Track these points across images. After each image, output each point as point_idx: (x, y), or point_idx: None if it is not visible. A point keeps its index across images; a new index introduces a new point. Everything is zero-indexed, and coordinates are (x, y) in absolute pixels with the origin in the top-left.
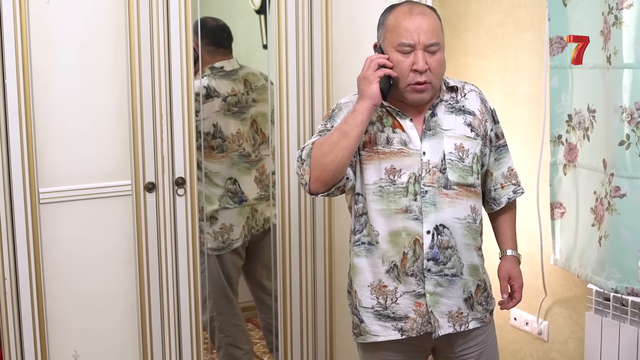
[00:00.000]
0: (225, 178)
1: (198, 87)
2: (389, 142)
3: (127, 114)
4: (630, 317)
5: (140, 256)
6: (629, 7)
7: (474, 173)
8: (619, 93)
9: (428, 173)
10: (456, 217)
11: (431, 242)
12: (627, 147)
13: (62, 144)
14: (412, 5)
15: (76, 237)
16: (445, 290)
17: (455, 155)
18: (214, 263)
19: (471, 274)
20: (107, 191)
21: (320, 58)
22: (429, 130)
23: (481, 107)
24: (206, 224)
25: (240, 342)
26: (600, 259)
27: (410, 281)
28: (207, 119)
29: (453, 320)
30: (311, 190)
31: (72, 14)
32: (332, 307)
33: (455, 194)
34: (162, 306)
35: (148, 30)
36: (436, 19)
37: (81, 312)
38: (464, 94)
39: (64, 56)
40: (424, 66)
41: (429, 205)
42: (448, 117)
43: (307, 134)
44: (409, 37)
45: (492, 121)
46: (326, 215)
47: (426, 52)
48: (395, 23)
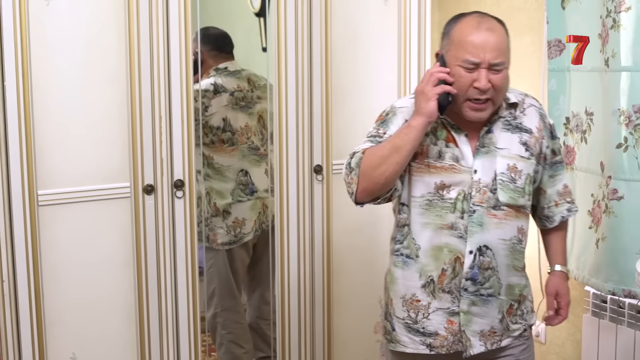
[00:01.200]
0: (237, 170)
1: (206, 84)
2: (441, 157)
3: (126, 116)
4: (627, 320)
5: (139, 259)
6: (627, 10)
7: (525, 194)
8: (616, 96)
9: (478, 192)
10: (502, 238)
11: (472, 262)
12: (624, 150)
13: (61, 147)
14: (480, 18)
15: (75, 240)
16: (478, 309)
17: (507, 176)
18: (223, 258)
19: (507, 294)
20: (106, 193)
21: (320, 60)
22: (483, 147)
23: (539, 123)
24: (219, 218)
25: (242, 341)
26: (598, 262)
27: (445, 298)
28: (216, 114)
29: (485, 339)
30: (357, 200)
31: (71, 17)
32: (330, 311)
33: (503, 215)
34: (161, 309)
35: (148, 33)
36: (504, 36)
37: (79, 314)
38: (522, 110)
39: (64, 59)
40: (486, 85)
41: (475, 225)
42: (504, 135)
43: (306, 136)
44: (474, 54)
45: (550, 137)
46: (324, 219)
47: (490, 70)
48: (461, 37)
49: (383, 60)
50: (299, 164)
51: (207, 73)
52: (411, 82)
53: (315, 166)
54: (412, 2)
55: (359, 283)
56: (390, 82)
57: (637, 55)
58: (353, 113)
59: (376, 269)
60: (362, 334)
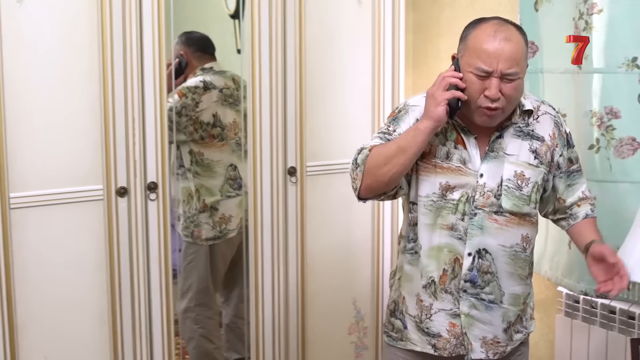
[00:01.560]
0: (226, 165)
1: (195, 82)
2: (449, 158)
3: (99, 118)
4: (599, 320)
5: (112, 261)
6: (599, 12)
7: (531, 202)
8: (588, 97)
9: (482, 196)
10: (502, 244)
11: (471, 264)
12: (596, 151)
13: (33, 149)
14: (498, 26)
15: (47, 242)
16: (481, 314)
17: (513, 183)
18: (205, 254)
19: (512, 304)
20: (79, 196)
21: (294, 62)
22: (492, 152)
23: (553, 131)
24: (206, 214)
25: (213, 337)
26: (571, 262)
27: (447, 298)
28: (207, 109)
29: (487, 347)
30: (360, 196)
31: (44, 16)
32: (304, 312)
33: (505, 221)
34: (134, 312)
35: (121, 33)
36: (521, 45)
37: (52, 317)
38: (536, 117)
39: (36, 58)
40: (496, 95)
41: (475, 228)
42: (514, 141)
43: (279, 137)
44: (487, 62)
45: (566, 146)
46: (298, 220)
47: (502, 80)
48: (477, 43)
49: (357, 62)
50: (272, 166)
51: (193, 73)
52: (385, 83)
53: (289, 168)
54: (386, 4)
55: (333, 285)
56: (364, 84)
57: (609, 57)
58: (327, 115)
59: (350, 271)
60: (336, 335)
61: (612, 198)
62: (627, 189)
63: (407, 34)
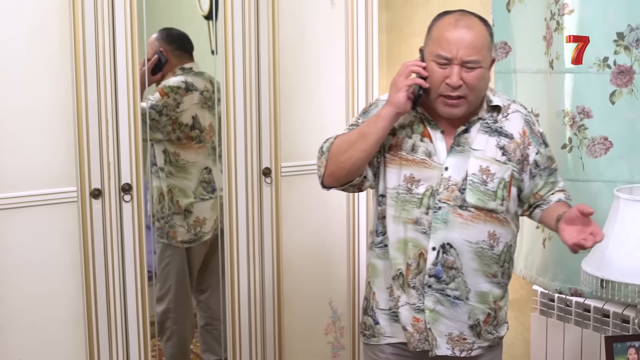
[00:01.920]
0: (201, 168)
1: (176, 81)
2: (414, 150)
3: (72, 119)
4: (574, 318)
5: (87, 263)
6: (570, 12)
7: (497, 199)
8: (561, 97)
9: (446, 189)
10: (467, 239)
11: (435, 259)
12: (569, 151)
13: (6, 151)
14: (460, 16)
15: (21, 245)
16: (446, 310)
17: (478, 178)
18: (182, 256)
19: (480, 301)
20: (53, 198)
21: (267, 63)
22: (458, 146)
23: (524, 129)
24: (180, 216)
25: (188, 334)
26: (545, 261)
27: (412, 293)
28: (187, 111)
29: (453, 344)
30: (324, 184)
31: (14, 17)
32: (280, 312)
33: (470, 216)
34: (109, 312)
35: (93, 35)
36: (483, 35)
37: (27, 319)
38: (506, 114)
39: (7, 60)
40: (456, 82)
41: (439, 221)
42: (481, 136)
43: (254, 138)
44: (447, 50)
45: (542, 144)
46: (274, 221)
47: (463, 68)
48: (439, 32)
49: (331, 62)
50: (247, 167)
51: (172, 72)
52: (359, 83)
53: (263, 169)
54: (359, 4)
55: (309, 285)
56: (338, 84)
57: None
58: (301, 115)
59: (326, 271)
60: (313, 335)
61: (584, 197)
62: (600, 188)
63: (381, 34)
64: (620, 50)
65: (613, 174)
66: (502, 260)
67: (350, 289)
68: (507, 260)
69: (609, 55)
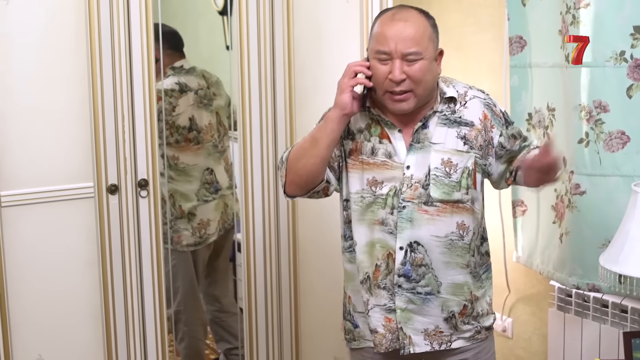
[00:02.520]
0: (202, 169)
1: (170, 84)
2: (374, 153)
3: (88, 115)
4: (592, 313)
5: (104, 258)
6: (586, 6)
7: (461, 188)
8: (577, 91)
9: (409, 188)
10: (435, 234)
11: (403, 258)
12: (586, 145)
13: (24, 147)
14: (397, 10)
15: (39, 240)
16: (419, 307)
17: (441, 171)
18: (187, 259)
19: (453, 293)
20: (70, 194)
21: (282, 58)
22: (417, 143)
23: (484, 113)
24: (184, 220)
25: (201, 335)
26: (562, 256)
27: (381, 294)
28: (183, 113)
29: (430, 338)
30: (287, 193)
31: (32, 16)
32: (297, 306)
33: (436, 211)
34: (127, 308)
35: (109, 31)
36: (420, 26)
37: (45, 314)
38: (464, 102)
39: (24, 58)
40: (398, 76)
41: (405, 221)
42: (440, 129)
43: (269, 136)
44: (385, 44)
45: (503, 125)
46: (290, 215)
47: (405, 61)
48: (377, 29)
49: (345, 58)
50: (263, 162)
51: (164, 72)
52: None
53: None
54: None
55: (326, 280)
56: None
57: (597, 51)
58: (316, 110)
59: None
60: (329, 329)
61: (602, 191)
62: (617, 182)
63: None
64: (637, 44)
65: (630, 169)
66: (472, 249)
67: None
68: (475, 247)
69: (626, 49)
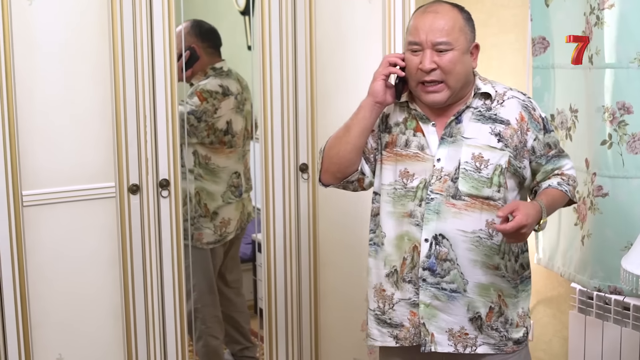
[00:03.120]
0: (231, 172)
1: (214, 85)
2: (407, 145)
3: (110, 115)
4: (613, 316)
5: (125, 258)
6: (610, 7)
7: (493, 185)
8: (600, 93)
9: (438, 180)
10: (461, 229)
11: (428, 251)
12: (609, 147)
13: (46, 147)
14: (430, 4)
15: (60, 240)
16: (444, 305)
17: (471, 165)
18: (207, 256)
19: (480, 294)
20: (91, 193)
21: (304, 59)
22: (450, 137)
23: (521, 114)
24: (207, 219)
25: (217, 332)
26: (583, 258)
27: (407, 288)
28: (223, 117)
29: (455, 340)
30: (322, 181)
31: (54, 16)
32: (317, 307)
33: (464, 205)
34: (147, 308)
35: (131, 31)
36: (452, 17)
37: (65, 314)
38: (501, 101)
39: (47, 58)
40: (428, 66)
41: (432, 212)
42: (473, 125)
43: (291, 135)
44: (416, 35)
45: (542, 130)
46: (310, 217)
47: (435, 52)
48: (411, 22)
49: (368, 59)
50: (284, 163)
51: (203, 71)
52: None
53: (300, 164)
54: (397, 0)
55: (346, 281)
56: None
57: (621, 52)
58: (338, 111)
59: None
60: (349, 331)
61: (625, 193)
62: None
63: None
64: None
65: None
66: (502, 251)
67: None
68: (507, 251)
69: None
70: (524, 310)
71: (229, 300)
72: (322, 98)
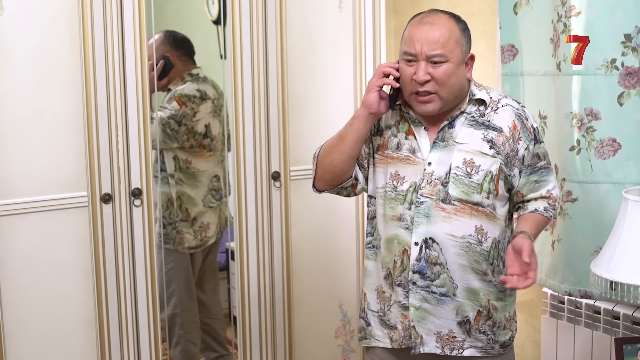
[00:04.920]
0: (211, 176)
1: (191, 90)
2: (399, 148)
3: (82, 124)
4: (584, 320)
5: (98, 267)
6: (577, 14)
7: (482, 191)
8: (569, 99)
9: (429, 184)
10: (450, 233)
11: (418, 254)
12: (577, 152)
13: (17, 156)
14: (426, 14)
15: (33, 249)
16: (433, 308)
17: (462, 170)
18: (186, 261)
19: (468, 298)
20: (63, 203)
21: (276, 67)
22: (442, 141)
23: (514, 123)
24: (187, 223)
25: (195, 339)
26: (554, 263)
27: (398, 291)
28: (202, 120)
29: (442, 342)
30: (316, 187)
31: (26, 24)
32: (290, 315)
33: (453, 210)
34: (120, 316)
35: (102, 39)
36: (448, 29)
37: (39, 323)
38: (495, 109)
39: (18, 68)
40: (422, 77)
41: (421, 216)
42: (466, 130)
43: (263, 143)
44: (411, 46)
45: (533, 140)
46: (283, 224)
47: (429, 63)
48: (406, 32)
49: (339, 67)
50: (256, 171)
51: (180, 77)
52: None
53: (272, 173)
54: (367, 8)
55: (319, 288)
56: (346, 88)
57: (588, 59)
58: (310, 119)
59: (335, 274)
60: (323, 339)
61: (593, 199)
62: (608, 189)
63: (389, 38)
64: (628, 52)
65: (621, 176)
66: (491, 257)
67: (360, 292)
68: (496, 257)
69: (617, 57)
70: (511, 314)
71: (206, 307)
72: (294, 106)
